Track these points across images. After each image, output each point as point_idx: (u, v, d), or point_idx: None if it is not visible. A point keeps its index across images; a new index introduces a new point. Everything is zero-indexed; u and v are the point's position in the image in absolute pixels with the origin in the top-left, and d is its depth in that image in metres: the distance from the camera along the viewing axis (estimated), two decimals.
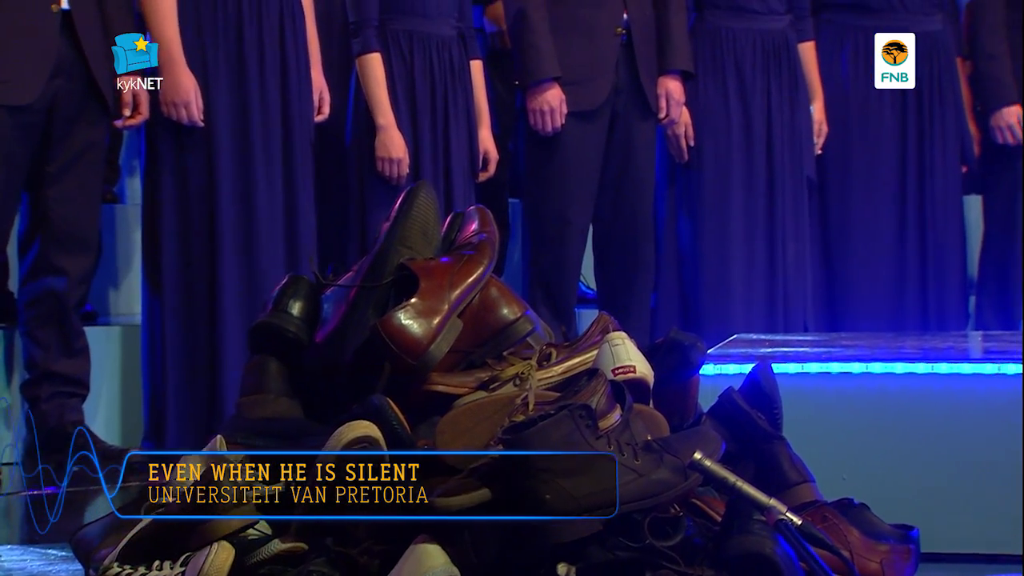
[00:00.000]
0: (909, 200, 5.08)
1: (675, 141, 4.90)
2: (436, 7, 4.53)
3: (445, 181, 4.57)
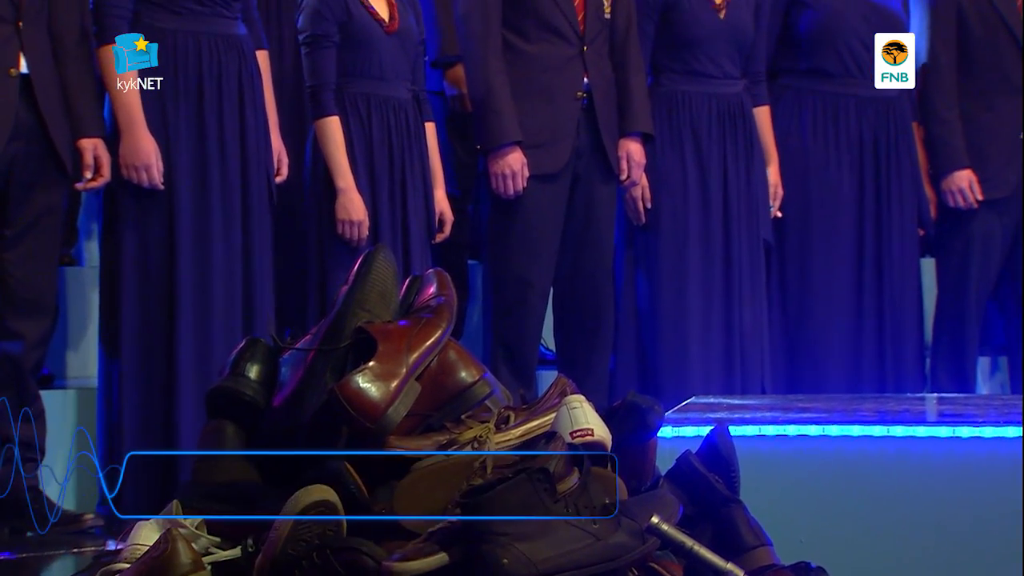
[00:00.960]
0: (867, 263, 5.12)
1: (632, 203, 4.93)
2: (392, 70, 4.55)
3: (403, 243, 4.58)
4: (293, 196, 4.62)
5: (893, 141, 5.12)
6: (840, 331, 5.09)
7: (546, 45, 4.74)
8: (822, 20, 5.06)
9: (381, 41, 4.52)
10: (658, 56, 4.97)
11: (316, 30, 4.48)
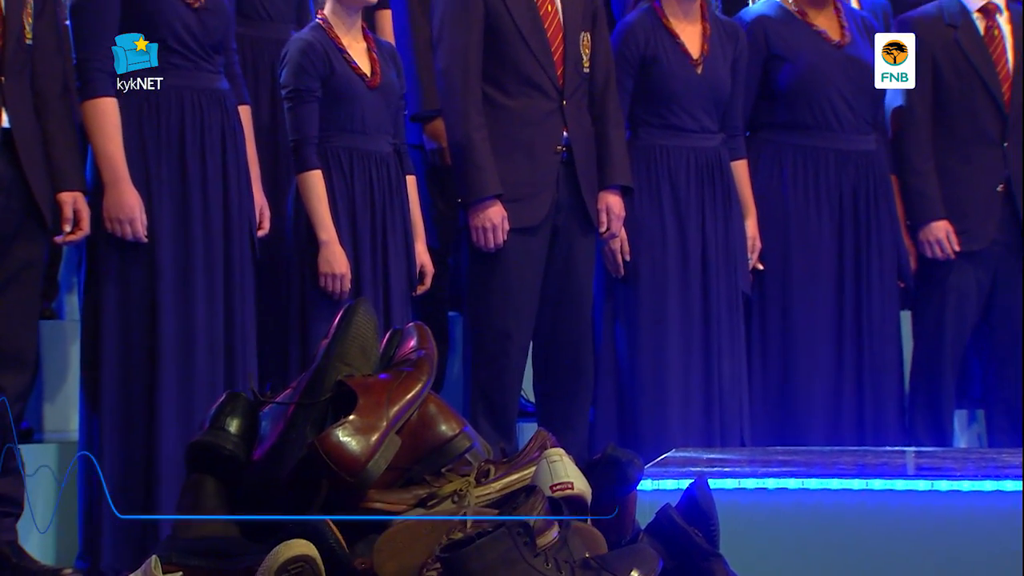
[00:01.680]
0: (847, 316, 5.13)
1: (611, 256, 4.95)
2: (374, 124, 4.57)
3: (384, 296, 4.58)
4: (274, 249, 4.62)
5: (872, 194, 5.14)
6: (820, 383, 5.09)
7: (525, 99, 4.75)
8: (800, 74, 5.09)
9: (363, 96, 4.54)
10: (636, 110, 4.99)
11: (299, 85, 4.49)
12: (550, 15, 4.78)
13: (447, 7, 4.74)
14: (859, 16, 5.27)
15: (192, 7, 4.34)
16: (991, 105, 5.25)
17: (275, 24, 4.85)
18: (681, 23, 5.00)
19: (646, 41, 4.96)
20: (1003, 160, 5.25)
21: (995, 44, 5.27)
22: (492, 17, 4.73)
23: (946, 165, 5.25)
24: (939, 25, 5.26)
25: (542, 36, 4.75)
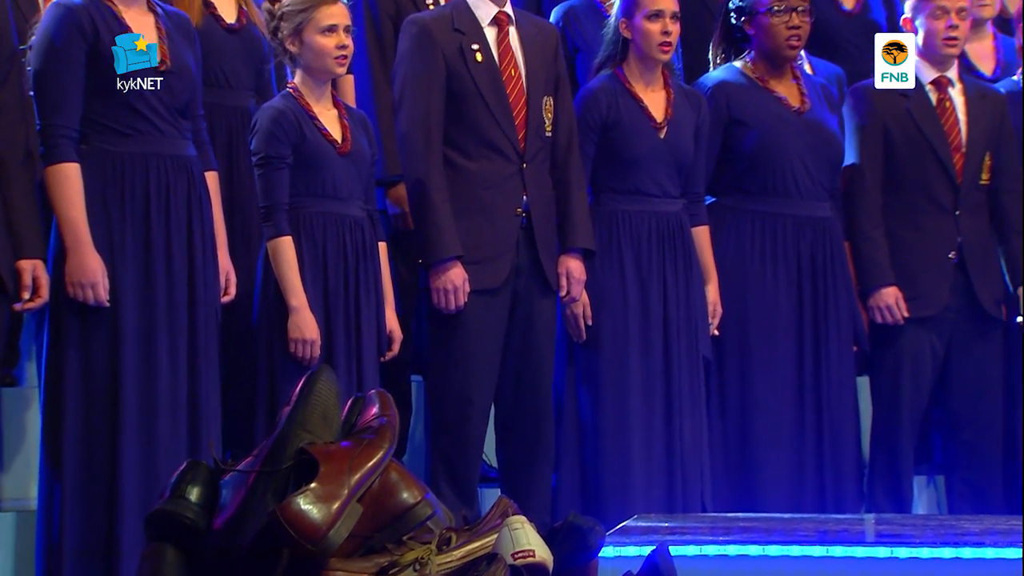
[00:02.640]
0: (806, 381, 5.14)
1: (573, 320, 4.96)
2: (346, 190, 4.59)
3: (357, 362, 4.57)
4: (241, 315, 4.61)
5: (828, 260, 5.17)
6: (780, 449, 5.10)
7: (486, 163, 4.77)
8: (761, 140, 5.13)
9: (334, 161, 4.56)
10: (599, 175, 5.01)
11: (269, 152, 4.51)
12: (513, 79, 4.81)
13: (409, 70, 4.76)
14: (818, 84, 5.32)
15: (159, 71, 4.35)
16: (943, 174, 5.31)
17: (234, 91, 4.87)
18: (644, 88, 5.04)
19: (609, 106, 4.99)
20: (955, 228, 5.31)
21: (947, 115, 5.33)
22: (454, 80, 4.75)
23: (898, 232, 5.30)
24: (892, 94, 5.32)
25: (504, 100, 4.78)
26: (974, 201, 5.33)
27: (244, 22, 4.87)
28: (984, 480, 5.37)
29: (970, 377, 5.34)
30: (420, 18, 4.84)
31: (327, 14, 4.55)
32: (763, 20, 5.13)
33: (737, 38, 5.23)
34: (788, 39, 5.11)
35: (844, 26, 6.19)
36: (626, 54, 5.04)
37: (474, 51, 4.77)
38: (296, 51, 4.56)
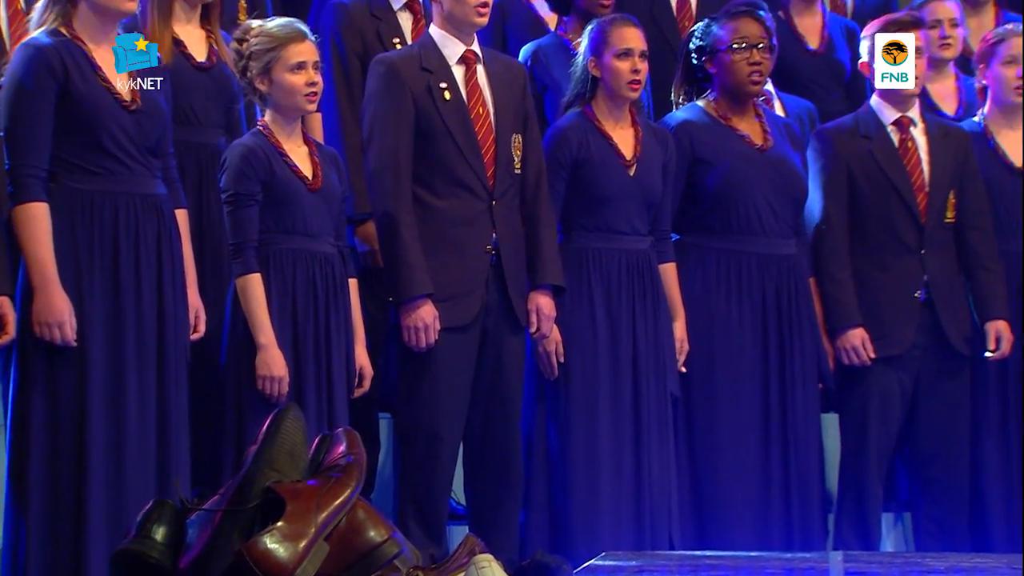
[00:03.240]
0: (772, 418, 5.16)
1: (546, 358, 4.96)
2: (317, 226, 4.59)
3: (327, 399, 4.57)
4: (210, 352, 4.61)
5: (794, 297, 5.19)
6: (746, 486, 5.11)
7: (456, 200, 4.78)
8: (725, 179, 5.15)
9: (305, 198, 4.57)
10: (569, 212, 5.03)
11: (239, 189, 4.52)
12: (481, 117, 4.82)
13: (377, 109, 4.78)
14: (781, 122, 5.36)
15: (129, 110, 4.36)
16: (907, 215, 5.34)
17: (204, 128, 4.88)
18: (613, 126, 5.07)
19: (580, 144, 5.01)
20: (921, 267, 5.34)
21: (909, 156, 5.37)
22: (423, 119, 4.76)
23: (865, 272, 5.33)
24: (854, 137, 5.36)
25: (473, 138, 4.79)
26: (939, 240, 5.37)
27: (214, 60, 4.89)
28: (951, 517, 5.39)
29: (937, 414, 5.37)
30: (388, 57, 4.86)
31: (296, 51, 4.56)
32: (724, 58, 5.17)
33: (699, 78, 5.26)
34: (750, 75, 5.14)
35: (809, 65, 6.25)
36: (595, 92, 5.07)
37: (442, 89, 4.79)
38: (266, 89, 4.57)
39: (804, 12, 6.35)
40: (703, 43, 5.21)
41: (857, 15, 6.68)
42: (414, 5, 5.39)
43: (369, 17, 5.31)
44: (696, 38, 5.24)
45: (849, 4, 6.82)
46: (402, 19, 5.37)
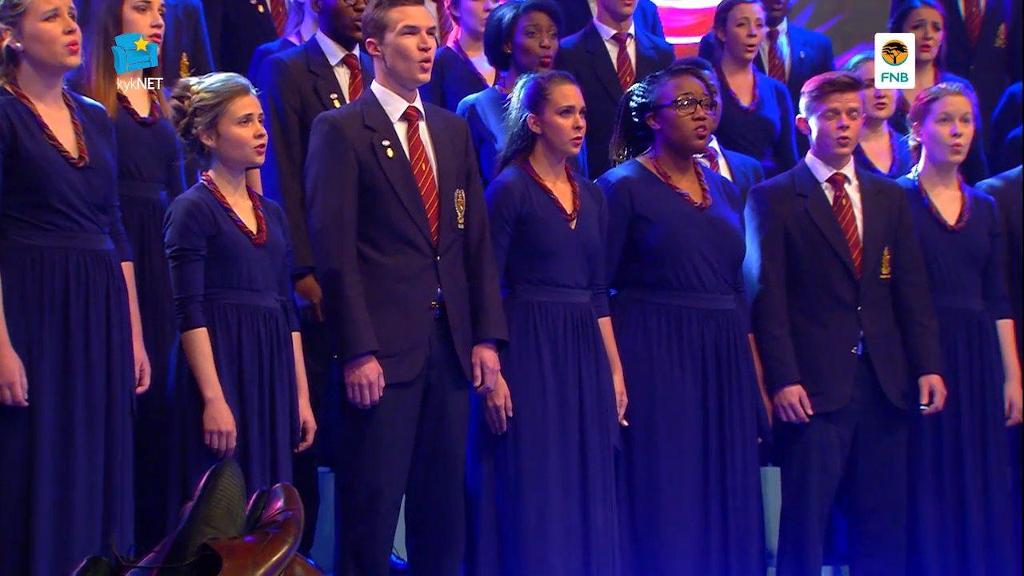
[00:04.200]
0: (712, 472, 5.18)
1: (494, 412, 4.97)
2: (262, 281, 4.60)
3: (271, 453, 4.57)
4: (153, 406, 4.60)
5: (733, 352, 5.23)
6: (687, 540, 5.13)
7: (400, 257, 4.79)
8: (665, 235, 5.19)
9: (250, 253, 4.58)
10: (513, 267, 5.05)
11: (184, 244, 4.52)
12: (424, 173, 4.84)
13: (321, 166, 4.79)
14: (719, 180, 5.41)
15: (77, 167, 4.37)
16: (843, 271, 5.40)
17: (146, 183, 4.90)
18: (552, 181, 5.11)
19: (522, 199, 5.04)
20: (857, 323, 5.40)
21: (844, 212, 5.44)
22: (366, 176, 4.78)
23: (802, 329, 5.37)
24: (790, 195, 5.43)
25: (416, 194, 4.81)
26: (875, 295, 5.43)
27: (157, 116, 4.92)
28: (888, 571, 5.43)
29: (875, 468, 5.41)
30: (330, 116, 4.88)
31: (242, 104, 4.58)
32: (669, 113, 5.22)
33: (639, 135, 5.31)
34: (695, 130, 5.20)
35: (741, 123, 6.35)
36: (533, 148, 5.11)
37: (385, 147, 4.81)
38: (213, 144, 4.57)
39: (736, 71, 6.46)
40: (646, 100, 5.26)
41: (795, 75, 6.79)
42: (351, 60, 5.44)
43: (307, 73, 5.35)
44: (637, 96, 5.30)
45: (787, 65, 6.94)
46: (339, 74, 5.42)
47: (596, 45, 6.39)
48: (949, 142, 5.55)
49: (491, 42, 5.78)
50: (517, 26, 5.69)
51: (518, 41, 5.69)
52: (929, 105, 5.58)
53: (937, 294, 5.54)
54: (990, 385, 5.58)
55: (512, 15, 5.71)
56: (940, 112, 5.55)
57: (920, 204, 5.58)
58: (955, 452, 5.51)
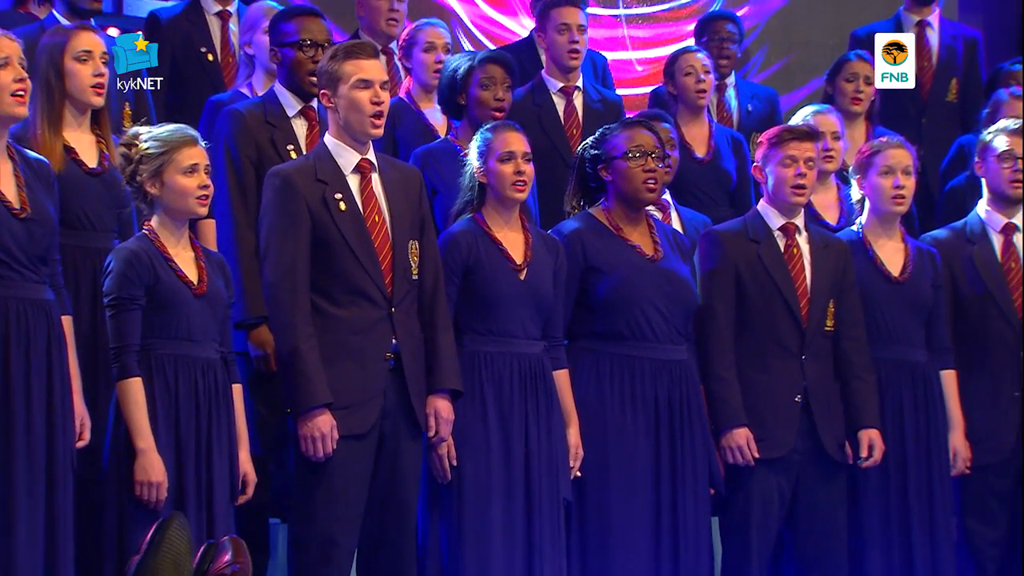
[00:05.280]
0: (664, 523, 5.18)
1: (438, 461, 4.98)
2: (201, 332, 4.60)
3: (208, 505, 4.53)
4: (92, 459, 4.59)
5: (685, 403, 5.24)
6: None
7: (355, 308, 4.78)
8: (617, 287, 5.21)
9: (190, 303, 4.58)
10: (462, 317, 5.07)
11: (121, 293, 4.52)
12: (377, 225, 4.84)
13: (274, 219, 4.79)
14: (670, 232, 5.44)
15: (19, 218, 4.37)
16: (790, 319, 5.44)
17: (98, 233, 4.91)
18: (503, 232, 5.13)
19: (469, 249, 5.06)
20: (801, 372, 5.44)
21: (794, 261, 5.48)
22: (319, 229, 4.78)
23: (748, 374, 5.40)
24: (743, 239, 5.47)
25: (370, 247, 4.81)
26: (819, 346, 5.46)
27: (106, 165, 4.92)
28: None
29: (816, 518, 5.43)
30: (283, 169, 4.87)
31: (188, 155, 4.59)
32: (620, 165, 5.26)
33: (592, 187, 5.35)
34: (645, 182, 5.23)
35: (697, 173, 6.40)
36: (483, 199, 5.15)
37: (337, 200, 4.81)
38: (157, 193, 4.58)
39: (692, 122, 6.52)
40: (598, 151, 5.31)
41: (743, 127, 6.86)
42: (309, 112, 5.45)
43: (264, 124, 5.36)
44: (590, 147, 5.34)
45: (735, 117, 7.00)
46: (296, 126, 5.42)
47: (543, 98, 6.43)
48: (891, 194, 5.61)
49: (445, 93, 5.81)
50: (472, 78, 5.73)
51: (472, 93, 5.72)
52: (871, 158, 5.65)
53: (882, 345, 5.59)
54: (935, 436, 5.62)
55: (467, 66, 5.74)
56: (882, 165, 5.61)
57: (865, 256, 5.63)
58: (902, 503, 5.54)
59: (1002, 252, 5.82)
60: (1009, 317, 5.76)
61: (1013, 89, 6.21)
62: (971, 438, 5.70)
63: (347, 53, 4.84)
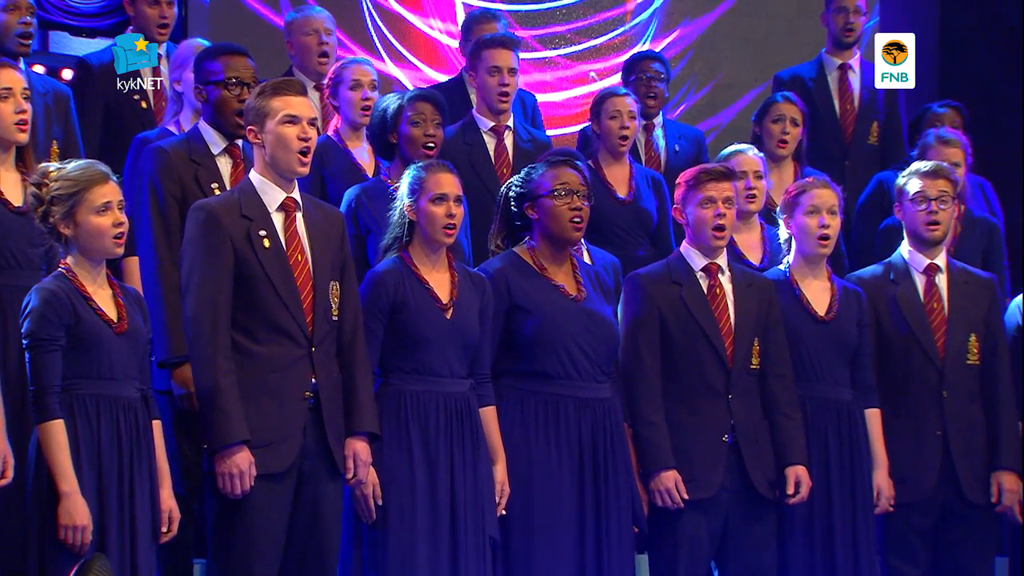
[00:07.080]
0: (588, 560, 5.19)
1: (363, 501, 4.97)
2: (121, 371, 4.57)
3: (131, 545, 4.51)
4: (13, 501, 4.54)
5: (609, 441, 5.25)
6: None
7: (275, 346, 4.77)
8: (541, 326, 5.22)
9: (110, 342, 4.54)
10: (387, 356, 5.06)
11: (41, 334, 4.47)
12: (300, 264, 4.83)
13: (196, 255, 4.77)
14: (592, 272, 5.46)
15: None
16: (715, 359, 5.47)
17: (24, 271, 4.87)
18: (430, 270, 5.13)
19: (395, 287, 5.06)
20: (728, 411, 5.47)
21: (717, 302, 5.52)
22: (242, 266, 4.76)
23: (675, 416, 5.42)
24: (665, 282, 5.50)
25: (292, 285, 4.79)
26: (745, 385, 5.50)
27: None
28: None
29: (745, 556, 5.45)
30: (207, 204, 4.85)
31: (100, 193, 4.54)
32: (546, 203, 5.28)
33: (517, 225, 5.37)
34: (571, 220, 5.26)
35: (618, 213, 6.44)
36: (412, 237, 5.15)
37: (261, 237, 4.79)
38: (71, 233, 4.53)
39: (612, 162, 6.57)
40: (524, 190, 5.32)
41: (670, 167, 6.90)
42: (233, 150, 5.44)
43: (188, 161, 5.34)
44: (516, 186, 5.36)
45: (662, 157, 7.05)
46: (221, 164, 5.41)
47: (474, 136, 6.46)
48: (817, 233, 5.67)
49: (376, 132, 5.82)
50: (402, 116, 5.74)
51: (403, 131, 5.73)
52: (797, 198, 5.70)
53: (808, 383, 5.63)
54: (860, 473, 5.66)
55: (397, 105, 5.76)
56: (808, 205, 5.67)
57: (791, 295, 5.68)
58: (826, 539, 5.57)
59: (924, 293, 5.89)
60: (931, 357, 5.82)
61: (940, 131, 6.28)
62: (894, 476, 5.74)
63: (275, 89, 4.84)
